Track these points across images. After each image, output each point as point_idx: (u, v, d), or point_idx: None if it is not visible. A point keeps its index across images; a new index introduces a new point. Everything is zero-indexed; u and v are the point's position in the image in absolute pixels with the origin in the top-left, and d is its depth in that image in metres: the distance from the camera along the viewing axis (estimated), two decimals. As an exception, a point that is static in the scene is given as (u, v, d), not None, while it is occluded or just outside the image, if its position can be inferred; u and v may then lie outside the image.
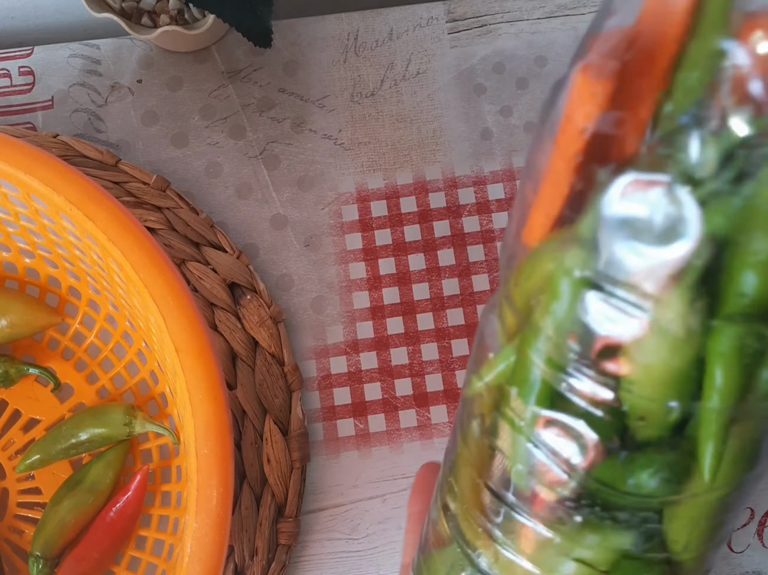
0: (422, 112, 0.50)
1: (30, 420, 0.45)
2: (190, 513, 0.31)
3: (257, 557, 0.43)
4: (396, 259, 0.48)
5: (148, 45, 0.51)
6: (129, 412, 0.42)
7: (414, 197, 0.49)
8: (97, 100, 0.50)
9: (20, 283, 0.46)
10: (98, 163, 0.48)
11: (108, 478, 0.42)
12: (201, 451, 0.31)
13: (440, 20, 0.52)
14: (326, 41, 0.51)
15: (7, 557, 0.42)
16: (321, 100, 0.51)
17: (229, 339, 0.45)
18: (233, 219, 0.49)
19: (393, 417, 0.46)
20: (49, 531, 0.41)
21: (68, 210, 0.34)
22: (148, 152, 0.50)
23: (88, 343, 0.45)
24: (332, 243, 0.48)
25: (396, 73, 0.51)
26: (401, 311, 0.47)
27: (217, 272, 0.46)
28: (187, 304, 0.33)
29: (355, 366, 0.46)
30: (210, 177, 0.49)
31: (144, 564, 0.42)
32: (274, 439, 0.44)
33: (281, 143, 0.50)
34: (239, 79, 0.51)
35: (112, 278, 0.38)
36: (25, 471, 0.43)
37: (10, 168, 0.34)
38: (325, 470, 0.45)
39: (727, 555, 0.44)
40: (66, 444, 0.42)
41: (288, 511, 0.43)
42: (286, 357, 0.45)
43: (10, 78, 0.51)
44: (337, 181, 0.49)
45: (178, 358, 0.32)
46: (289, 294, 0.48)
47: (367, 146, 0.50)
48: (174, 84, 0.51)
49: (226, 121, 0.50)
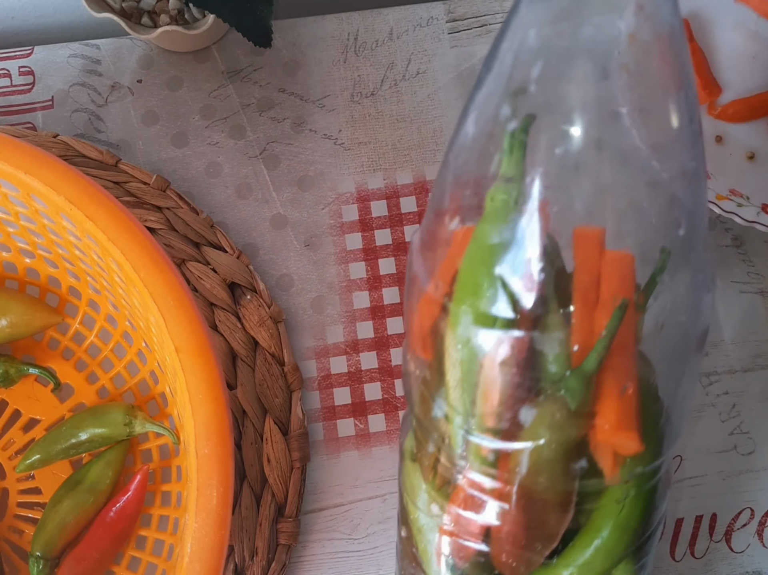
0: (422, 112, 0.50)
1: (30, 420, 0.45)
2: (190, 513, 0.31)
3: (257, 557, 0.43)
4: (396, 259, 0.48)
5: (148, 45, 0.51)
6: (129, 412, 0.42)
7: (414, 197, 0.49)
8: (97, 100, 0.50)
9: (20, 283, 0.46)
10: (98, 163, 0.48)
11: (108, 478, 0.42)
12: (201, 451, 0.31)
13: (440, 20, 0.52)
14: (326, 41, 0.51)
15: (7, 557, 0.42)
16: (321, 100, 0.51)
17: (229, 339, 0.45)
18: (233, 219, 0.49)
19: (393, 417, 0.46)
20: (49, 531, 0.41)
21: (68, 210, 0.34)
22: (148, 152, 0.50)
23: (88, 343, 0.45)
24: (332, 243, 0.48)
25: (396, 73, 0.51)
26: (401, 311, 0.47)
27: (217, 272, 0.46)
28: (187, 304, 0.33)
29: (355, 366, 0.46)
30: (210, 177, 0.49)
31: (144, 564, 0.42)
32: (274, 439, 0.44)
33: (281, 143, 0.50)
34: (239, 79, 0.51)
35: (112, 278, 0.38)
36: (25, 471, 0.43)
37: (10, 168, 0.34)
38: (325, 470, 0.45)
39: (727, 555, 0.44)
40: (66, 444, 0.42)
41: (288, 511, 0.43)
42: (286, 357, 0.45)
43: (10, 78, 0.51)
44: (337, 180, 0.49)
45: (178, 358, 0.32)
46: (289, 294, 0.48)
47: (367, 146, 0.50)
48: (174, 84, 0.51)
49: (226, 121, 0.50)
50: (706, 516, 0.44)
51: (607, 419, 0.25)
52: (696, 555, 0.44)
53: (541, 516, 0.27)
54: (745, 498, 0.44)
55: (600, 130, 0.24)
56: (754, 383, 0.46)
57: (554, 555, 0.28)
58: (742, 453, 0.45)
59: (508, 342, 0.25)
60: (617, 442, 0.26)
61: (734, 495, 0.45)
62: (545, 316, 0.25)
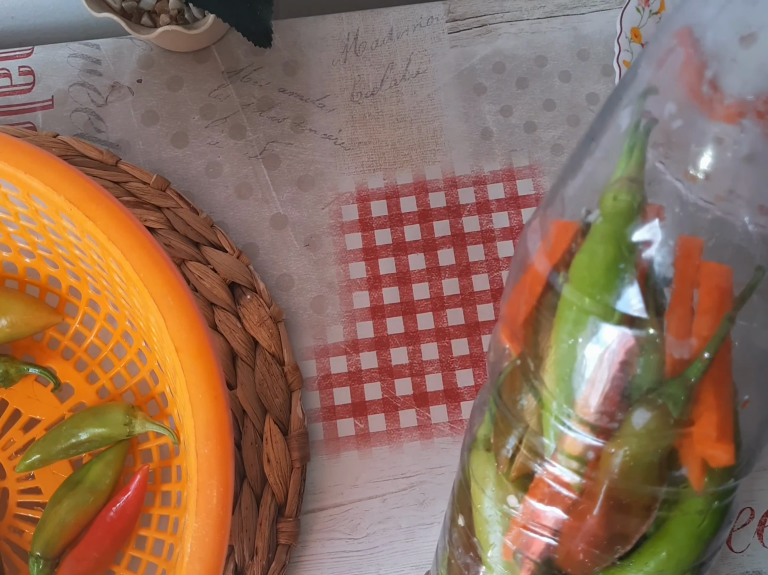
0: (422, 112, 0.50)
1: (30, 420, 0.45)
2: (190, 512, 0.31)
3: (257, 557, 0.43)
4: (396, 259, 0.48)
5: (148, 45, 0.51)
6: (129, 412, 0.42)
7: (414, 197, 0.49)
8: (97, 99, 0.50)
9: (20, 283, 0.46)
10: (98, 162, 0.48)
11: (108, 478, 0.42)
12: (201, 451, 0.31)
13: (440, 20, 0.52)
14: (326, 41, 0.51)
15: (7, 557, 0.42)
16: (321, 100, 0.51)
17: (229, 339, 0.45)
18: (233, 219, 0.49)
19: (393, 417, 0.46)
20: (49, 531, 0.41)
21: (68, 210, 0.34)
22: (148, 152, 0.50)
23: (88, 343, 0.45)
24: (332, 243, 0.48)
25: (396, 72, 0.51)
26: (401, 311, 0.47)
27: (217, 272, 0.46)
28: (187, 304, 0.33)
29: (355, 366, 0.46)
30: (210, 177, 0.49)
31: (144, 563, 0.42)
32: (274, 439, 0.44)
33: (281, 143, 0.50)
34: (239, 78, 0.51)
35: (112, 278, 0.38)
36: (25, 470, 0.43)
37: (11, 168, 0.34)
38: (325, 470, 0.45)
39: (727, 555, 0.44)
40: (66, 444, 0.42)
41: (288, 511, 0.43)
42: (286, 357, 0.45)
43: (10, 78, 0.51)
44: (337, 180, 0.49)
45: (178, 358, 0.32)
46: (289, 294, 0.48)
47: (367, 146, 0.50)
48: (174, 84, 0.51)
49: (226, 120, 0.50)
50: (706, 516, 0.44)
51: (706, 429, 0.25)
52: (696, 555, 0.44)
53: (621, 518, 0.27)
54: (745, 498, 0.44)
55: (737, 145, 0.24)
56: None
57: (624, 557, 0.28)
58: (742, 453, 0.45)
59: (629, 340, 0.25)
60: (711, 453, 0.26)
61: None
62: (661, 319, 0.25)
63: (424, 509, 0.45)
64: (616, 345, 0.25)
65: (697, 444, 0.26)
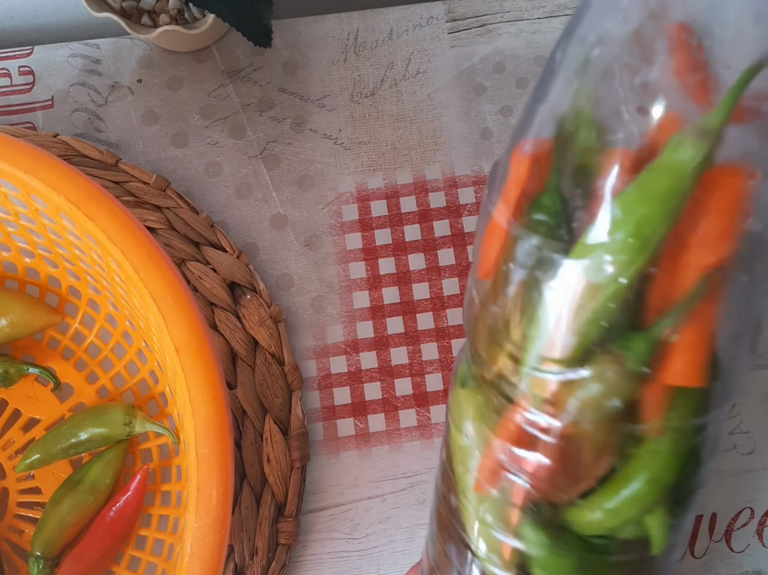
0: (422, 112, 0.50)
1: (30, 419, 0.45)
2: (190, 512, 0.31)
3: (257, 557, 0.43)
4: (396, 259, 0.48)
5: (148, 45, 0.51)
6: (129, 412, 0.42)
7: (414, 197, 0.49)
8: (97, 99, 0.50)
9: (20, 283, 0.46)
10: (98, 162, 0.48)
11: (108, 478, 0.42)
12: (201, 451, 0.31)
13: (440, 20, 0.52)
14: (326, 41, 0.51)
15: (7, 557, 0.42)
16: (321, 100, 0.51)
17: (229, 338, 0.45)
18: (233, 219, 0.49)
19: (393, 416, 0.46)
20: (49, 530, 0.41)
21: (68, 209, 0.34)
22: (148, 152, 0.50)
23: (88, 343, 0.45)
24: (332, 242, 0.48)
25: (396, 72, 0.51)
26: (401, 311, 0.47)
27: (217, 272, 0.46)
28: (187, 304, 0.33)
29: (355, 366, 0.46)
30: (210, 176, 0.49)
31: (144, 563, 0.42)
32: (274, 439, 0.44)
33: (281, 143, 0.50)
34: (239, 78, 0.51)
35: (112, 278, 0.38)
36: (25, 470, 0.43)
37: (10, 168, 0.34)
38: (325, 470, 0.45)
39: (727, 555, 0.44)
40: (66, 444, 0.42)
41: (288, 511, 0.43)
42: (286, 357, 0.45)
43: (10, 78, 0.51)
44: (337, 180, 0.49)
45: (178, 358, 0.32)
46: (289, 293, 0.48)
47: (367, 146, 0.50)
48: (174, 84, 0.51)
49: (226, 120, 0.50)
50: (705, 515, 0.44)
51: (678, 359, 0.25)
52: (696, 555, 0.44)
53: (581, 455, 0.27)
54: (745, 498, 0.45)
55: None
56: (754, 383, 0.46)
57: (586, 495, 0.28)
58: (742, 452, 0.45)
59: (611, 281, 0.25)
60: (677, 373, 0.26)
61: (734, 495, 0.45)
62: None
63: (424, 509, 0.45)
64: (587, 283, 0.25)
65: (665, 373, 0.25)
